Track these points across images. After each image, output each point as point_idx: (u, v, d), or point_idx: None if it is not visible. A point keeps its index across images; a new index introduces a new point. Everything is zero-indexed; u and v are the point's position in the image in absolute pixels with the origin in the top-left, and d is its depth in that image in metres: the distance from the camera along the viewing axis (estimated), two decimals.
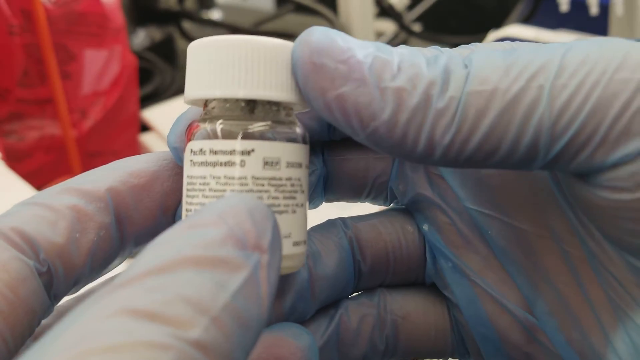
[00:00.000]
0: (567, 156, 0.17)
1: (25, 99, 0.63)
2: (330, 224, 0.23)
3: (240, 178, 0.18)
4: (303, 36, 0.18)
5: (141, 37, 0.96)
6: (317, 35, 0.17)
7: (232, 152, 0.18)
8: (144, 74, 0.84)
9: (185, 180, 0.19)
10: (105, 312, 0.12)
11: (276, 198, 0.18)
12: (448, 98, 0.17)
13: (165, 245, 0.13)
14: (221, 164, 0.18)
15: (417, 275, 0.24)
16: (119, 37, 0.67)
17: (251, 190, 0.18)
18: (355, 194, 0.23)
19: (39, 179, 0.64)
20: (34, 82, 0.63)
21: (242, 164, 0.18)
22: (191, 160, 0.19)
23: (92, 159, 0.69)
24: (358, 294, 0.24)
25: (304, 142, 0.19)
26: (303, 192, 0.19)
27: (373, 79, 0.17)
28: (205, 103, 0.19)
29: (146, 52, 0.93)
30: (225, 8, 1.11)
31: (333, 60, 0.17)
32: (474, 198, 0.21)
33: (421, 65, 0.17)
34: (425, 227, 0.23)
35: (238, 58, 0.18)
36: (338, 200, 0.24)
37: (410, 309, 0.24)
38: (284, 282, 0.21)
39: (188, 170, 0.19)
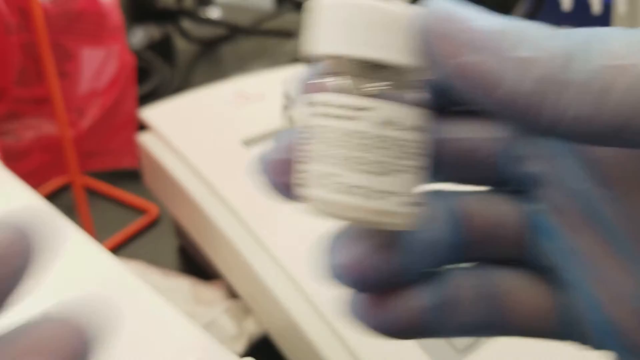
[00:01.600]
0: None
1: (22, 98, 0.63)
2: (436, 193, 0.23)
3: (360, 132, 0.19)
4: (427, 5, 0.18)
5: (139, 36, 0.95)
6: (441, 4, 0.18)
7: (355, 108, 0.19)
8: (142, 73, 0.83)
9: (300, 131, 0.21)
10: None
11: (395, 157, 0.19)
12: (577, 69, 0.17)
13: None
14: (344, 118, 0.19)
15: (520, 254, 0.23)
16: (117, 36, 0.67)
17: (368, 145, 0.19)
18: (461, 175, 0.23)
19: (36, 178, 0.64)
20: (31, 81, 0.63)
21: (363, 119, 0.19)
22: (314, 111, 0.20)
23: (89, 159, 0.68)
24: (463, 266, 0.24)
25: (425, 106, 0.20)
26: (421, 155, 0.20)
27: (498, 47, 0.17)
28: (329, 60, 0.20)
29: (144, 51, 0.92)
30: (224, 6, 1.11)
31: (457, 28, 0.18)
32: (592, 177, 0.20)
33: (546, 36, 0.17)
34: (534, 206, 0.22)
35: (369, 21, 0.19)
36: (443, 181, 0.23)
37: (514, 286, 0.23)
38: (395, 239, 0.21)
39: (306, 120, 0.20)
